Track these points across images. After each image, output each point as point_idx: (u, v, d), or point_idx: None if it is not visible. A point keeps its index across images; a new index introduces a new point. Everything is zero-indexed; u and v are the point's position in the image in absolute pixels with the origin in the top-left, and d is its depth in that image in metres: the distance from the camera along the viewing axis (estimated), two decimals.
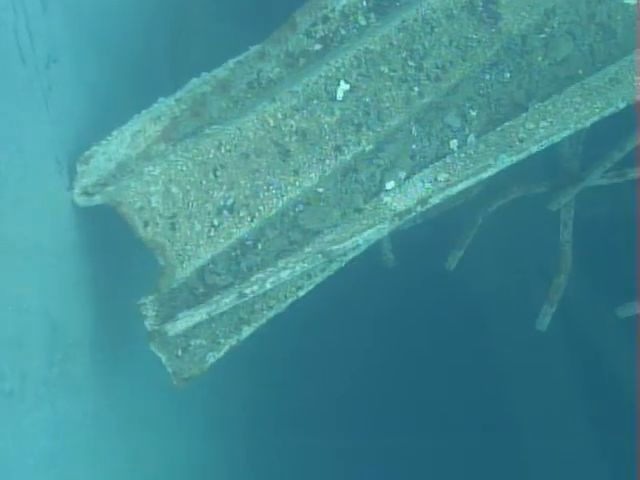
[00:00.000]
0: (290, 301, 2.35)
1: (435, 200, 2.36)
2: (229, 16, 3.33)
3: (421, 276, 3.30)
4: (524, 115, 2.52)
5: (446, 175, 2.41)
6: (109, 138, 2.10)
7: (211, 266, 2.21)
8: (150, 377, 2.17)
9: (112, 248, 2.16)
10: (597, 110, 2.50)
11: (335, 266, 2.40)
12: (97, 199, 2.05)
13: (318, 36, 2.48)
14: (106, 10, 2.24)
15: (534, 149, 2.44)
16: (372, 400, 3.60)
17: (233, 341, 2.26)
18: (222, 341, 2.24)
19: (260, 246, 2.28)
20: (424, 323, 3.52)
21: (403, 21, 2.49)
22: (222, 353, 2.24)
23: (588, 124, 2.51)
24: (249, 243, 2.27)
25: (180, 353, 2.18)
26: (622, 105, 2.52)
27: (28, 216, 1.80)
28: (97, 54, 2.19)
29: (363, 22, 2.55)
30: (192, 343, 2.20)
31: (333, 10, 2.50)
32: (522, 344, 3.37)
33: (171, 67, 2.80)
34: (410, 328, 3.51)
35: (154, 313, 2.14)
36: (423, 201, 2.35)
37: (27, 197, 1.79)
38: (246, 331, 2.29)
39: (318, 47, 2.49)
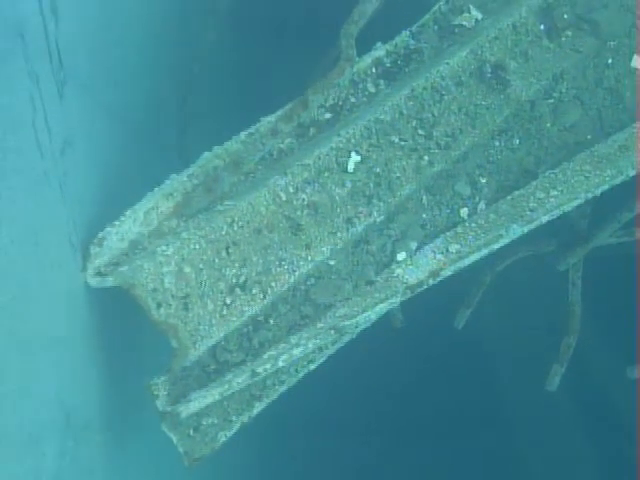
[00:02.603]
0: (301, 375, 2.38)
1: (447, 272, 2.39)
2: (232, 86, 3.42)
3: (430, 335, 3.33)
4: (534, 183, 2.57)
5: (457, 246, 2.45)
6: (122, 218, 2.14)
7: (223, 343, 2.24)
8: (161, 457, 2.18)
9: (123, 328, 2.19)
10: (607, 179, 2.55)
11: (347, 338, 2.43)
12: (110, 280, 2.08)
13: (328, 104, 2.53)
14: (119, 90, 2.30)
15: (545, 219, 2.49)
16: (383, 458, 3.61)
17: (245, 418, 2.29)
18: (234, 419, 2.27)
19: (272, 321, 2.31)
20: (433, 382, 3.54)
21: (412, 90, 2.55)
22: (233, 431, 2.26)
23: (599, 192, 2.55)
24: (261, 318, 2.30)
25: (192, 433, 2.21)
26: (632, 173, 2.57)
27: (44, 304, 1.83)
28: (109, 134, 2.23)
29: (372, 89, 2.61)
30: (204, 422, 2.22)
31: (343, 78, 2.55)
32: (531, 402, 3.39)
33: (179, 141, 2.86)
34: (419, 387, 3.53)
35: (165, 392, 2.16)
36: (435, 273, 2.39)
37: (43, 285, 1.83)
38: (257, 407, 2.31)
39: (328, 116, 2.54)
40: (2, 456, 1.50)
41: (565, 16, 2.78)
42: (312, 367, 2.40)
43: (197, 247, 2.17)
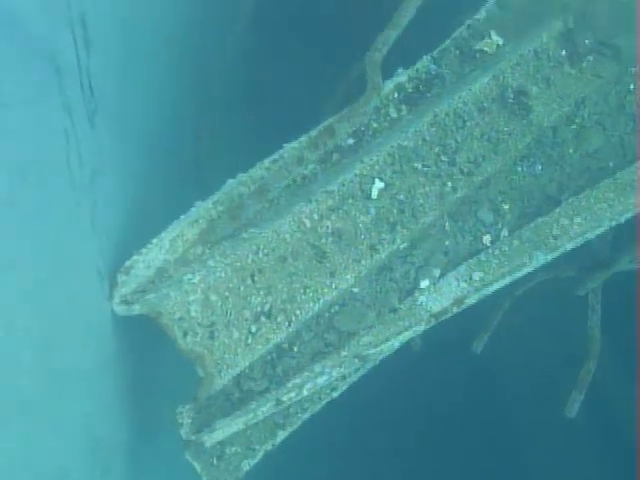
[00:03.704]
0: (324, 402, 2.39)
1: (471, 300, 2.41)
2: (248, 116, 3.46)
3: (448, 359, 3.34)
4: (557, 210, 2.59)
5: (481, 274, 2.46)
6: (149, 246, 2.15)
7: (247, 371, 2.25)
8: None
9: (147, 356, 2.20)
10: (631, 207, 2.56)
11: (369, 365, 2.44)
12: (137, 308, 2.10)
13: (350, 130, 2.55)
14: (142, 117, 2.32)
15: (569, 246, 2.50)
16: None
17: (268, 446, 2.30)
18: (257, 447, 2.28)
19: (296, 349, 2.32)
20: (450, 406, 3.55)
21: (435, 115, 2.57)
22: (257, 459, 2.27)
23: (622, 220, 2.56)
24: (285, 346, 2.32)
25: (215, 462, 2.22)
26: None
27: (72, 334, 1.85)
28: (135, 162, 2.26)
29: (394, 115, 2.63)
30: (227, 451, 2.23)
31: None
32: (550, 428, 3.39)
33: (197, 170, 2.89)
34: (435, 411, 3.53)
35: (190, 421, 2.18)
36: (459, 301, 2.40)
37: (72, 315, 1.85)
38: (281, 435, 2.32)
39: (351, 141, 2.56)
40: None
41: (587, 41, 2.81)
42: (335, 395, 2.41)
43: (223, 275, 2.19)
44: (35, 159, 1.58)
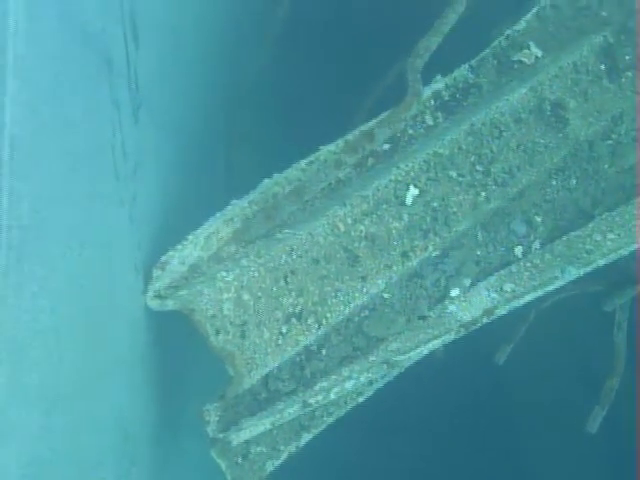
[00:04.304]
0: (350, 407, 2.39)
1: (501, 311, 2.41)
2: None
3: (470, 368, 3.34)
4: (590, 226, 2.58)
5: (512, 285, 2.46)
6: (185, 242, 2.17)
7: (275, 372, 2.26)
8: None
9: (176, 352, 2.22)
10: None
11: (396, 371, 2.45)
12: (170, 304, 2.11)
13: (382, 138, 2.55)
14: (181, 112, 2.35)
15: (602, 262, 2.50)
16: None
17: (292, 448, 2.31)
18: (282, 448, 2.29)
19: (324, 352, 2.33)
20: (471, 416, 3.55)
21: (472, 125, 2.58)
22: (281, 460, 2.28)
23: None
24: (313, 348, 2.33)
25: (240, 460, 2.23)
26: None
27: (110, 327, 1.87)
28: (173, 156, 2.28)
29: (430, 122, 2.64)
30: (252, 450, 2.24)
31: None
32: (569, 443, 3.38)
33: (227, 170, 2.92)
34: (457, 420, 3.53)
35: (216, 419, 2.19)
36: (489, 312, 2.41)
37: (111, 309, 1.86)
38: (305, 437, 2.33)
39: (386, 147, 2.57)
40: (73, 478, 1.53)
41: (627, 57, 2.81)
42: (360, 400, 2.42)
43: (256, 275, 2.20)
44: (85, 150, 1.60)
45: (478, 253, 2.55)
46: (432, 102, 2.65)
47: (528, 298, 2.45)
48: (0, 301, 1.18)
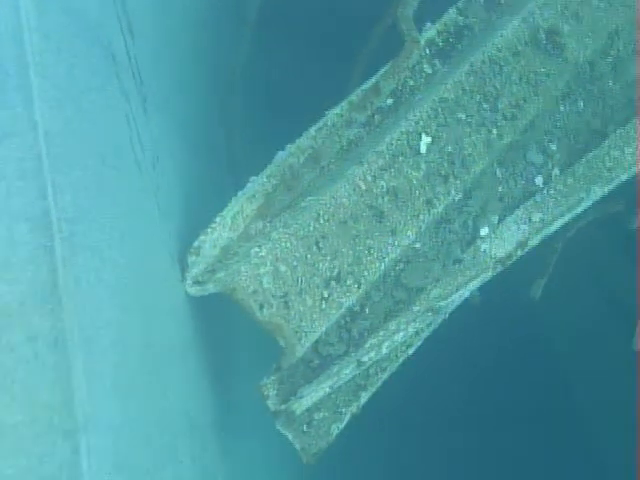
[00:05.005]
0: (402, 360, 2.42)
1: (534, 242, 2.43)
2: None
3: (505, 309, 3.36)
4: (607, 143, 2.59)
5: (540, 214, 2.48)
6: (213, 225, 2.19)
7: (324, 337, 2.29)
8: (273, 457, 2.24)
9: (222, 334, 2.24)
10: None
11: (440, 319, 2.47)
12: (210, 287, 2.13)
13: (388, 90, 2.56)
14: (182, 103, 2.36)
15: (624, 177, 2.52)
16: (469, 441, 3.67)
17: (353, 409, 2.34)
18: (343, 410, 2.32)
19: (367, 310, 2.36)
20: (512, 355, 3.58)
21: (471, 65, 2.58)
22: (345, 422, 2.31)
23: None
24: (356, 309, 2.35)
25: (305, 428, 2.26)
26: None
27: (156, 319, 1.89)
28: (184, 147, 2.29)
29: (429, 70, 2.64)
30: (316, 417, 2.27)
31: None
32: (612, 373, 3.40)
33: (229, 156, 2.94)
34: (496, 364, 3.57)
35: (275, 392, 2.22)
36: (522, 244, 2.42)
37: (154, 301, 1.88)
38: (364, 397, 2.36)
39: (390, 102, 2.57)
40: (153, 465, 1.55)
41: None
42: (410, 352, 2.44)
43: (288, 245, 2.22)
44: (108, 144, 1.61)
45: (500, 189, 2.56)
46: (427, 51, 2.65)
47: (558, 224, 2.47)
48: (64, 291, 1.20)
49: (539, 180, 2.59)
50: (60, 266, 1.21)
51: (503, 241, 2.44)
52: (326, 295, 2.25)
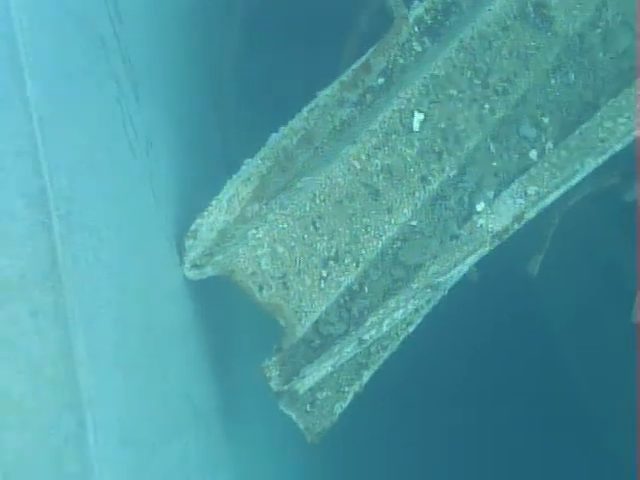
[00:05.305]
0: (402, 338, 2.43)
1: (530, 215, 2.44)
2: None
3: (503, 285, 3.37)
4: (599, 114, 2.60)
5: (535, 187, 2.48)
6: (209, 208, 2.19)
7: (324, 317, 2.29)
8: (276, 437, 2.25)
9: (222, 317, 2.24)
10: None
11: (439, 295, 2.48)
12: (209, 270, 2.14)
13: (383, 65, 2.55)
14: (173, 89, 2.35)
15: (618, 147, 2.52)
16: (471, 416, 3.70)
17: (356, 387, 2.35)
18: (346, 389, 2.33)
19: (366, 289, 2.36)
20: (509, 331, 3.60)
21: (461, 41, 2.58)
22: (348, 401, 2.32)
23: None
24: (355, 288, 2.35)
25: (309, 408, 2.27)
26: None
27: (154, 302, 1.89)
28: (176, 132, 2.29)
29: (419, 48, 2.64)
30: (319, 396, 2.28)
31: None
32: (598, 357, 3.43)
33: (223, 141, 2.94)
34: (495, 339, 3.60)
35: (277, 373, 2.22)
36: (519, 218, 2.43)
37: (152, 284, 1.88)
38: (366, 375, 2.37)
39: (381, 81, 2.57)
40: (158, 440, 1.56)
41: None
42: (411, 329, 2.45)
43: (285, 226, 2.23)
44: (101, 128, 1.61)
45: (494, 164, 2.56)
46: (416, 28, 2.65)
47: (553, 197, 2.48)
48: (63, 268, 1.20)
49: (533, 154, 2.59)
50: (59, 243, 1.21)
51: (499, 215, 2.45)
52: (325, 275, 2.26)
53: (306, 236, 2.26)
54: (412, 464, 3.55)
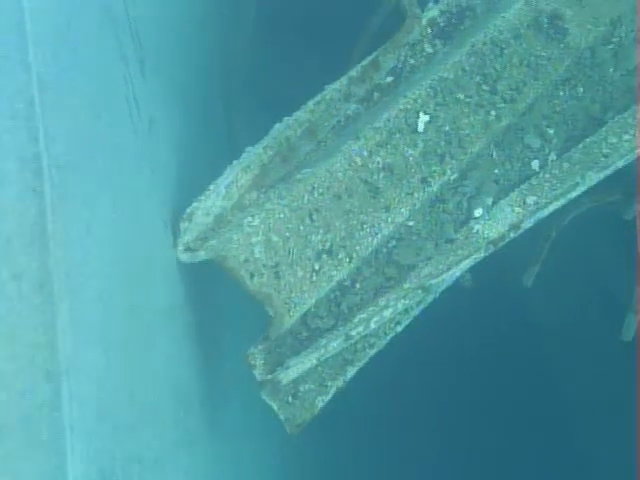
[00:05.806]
0: (390, 337, 2.43)
1: (527, 224, 2.43)
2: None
3: (497, 294, 3.37)
4: (604, 129, 2.59)
5: (534, 197, 2.48)
6: (207, 192, 2.19)
7: (313, 310, 2.29)
8: (256, 426, 2.25)
9: (212, 302, 2.25)
10: None
11: (430, 298, 2.48)
12: (201, 254, 2.14)
13: (392, 64, 2.56)
14: (181, 69, 2.35)
15: (620, 163, 2.52)
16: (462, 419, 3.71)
17: (339, 383, 2.35)
18: (329, 384, 2.33)
19: (358, 285, 2.36)
20: (500, 341, 3.61)
21: (472, 46, 2.58)
22: (330, 396, 2.32)
23: None
24: (347, 283, 2.36)
25: (290, 400, 2.27)
26: None
27: (145, 280, 1.89)
28: (182, 112, 2.29)
29: (430, 50, 2.64)
30: (301, 389, 2.28)
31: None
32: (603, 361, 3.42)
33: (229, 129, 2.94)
34: (487, 347, 3.60)
35: (262, 362, 2.23)
36: (515, 227, 2.43)
37: (144, 262, 1.89)
38: (350, 371, 2.37)
39: (390, 79, 2.58)
40: (137, 420, 1.56)
41: None
42: (399, 329, 2.45)
43: (282, 216, 2.23)
44: (103, 100, 1.61)
45: (496, 171, 2.56)
46: (429, 30, 2.65)
47: (552, 208, 2.47)
48: (52, 236, 1.20)
49: (535, 164, 2.59)
50: (49, 211, 1.21)
51: (496, 222, 2.44)
52: (317, 268, 2.26)
53: (302, 228, 2.26)
54: (391, 464, 3.56)
